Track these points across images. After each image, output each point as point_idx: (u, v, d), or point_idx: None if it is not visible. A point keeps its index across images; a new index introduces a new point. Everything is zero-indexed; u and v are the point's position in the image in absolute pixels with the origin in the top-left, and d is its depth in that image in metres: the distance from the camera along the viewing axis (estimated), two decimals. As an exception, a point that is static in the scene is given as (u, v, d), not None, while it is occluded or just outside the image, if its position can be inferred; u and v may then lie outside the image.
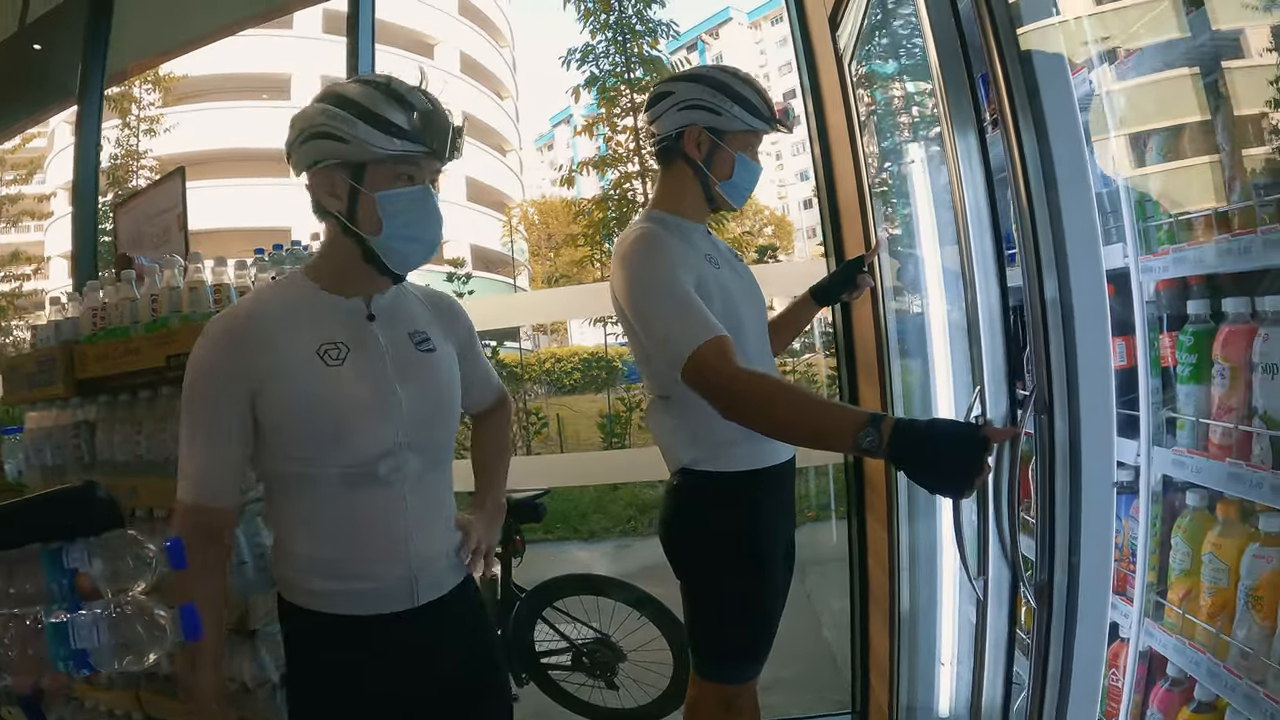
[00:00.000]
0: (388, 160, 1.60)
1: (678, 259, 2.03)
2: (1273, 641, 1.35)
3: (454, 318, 1.89)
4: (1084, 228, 1.56)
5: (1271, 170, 1.36)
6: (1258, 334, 1.40)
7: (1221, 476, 1.46)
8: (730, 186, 2.17)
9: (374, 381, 1.66)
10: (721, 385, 1.80)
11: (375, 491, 1.64)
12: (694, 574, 2.23)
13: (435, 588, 1.71)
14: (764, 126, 2.14)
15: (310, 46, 27.89)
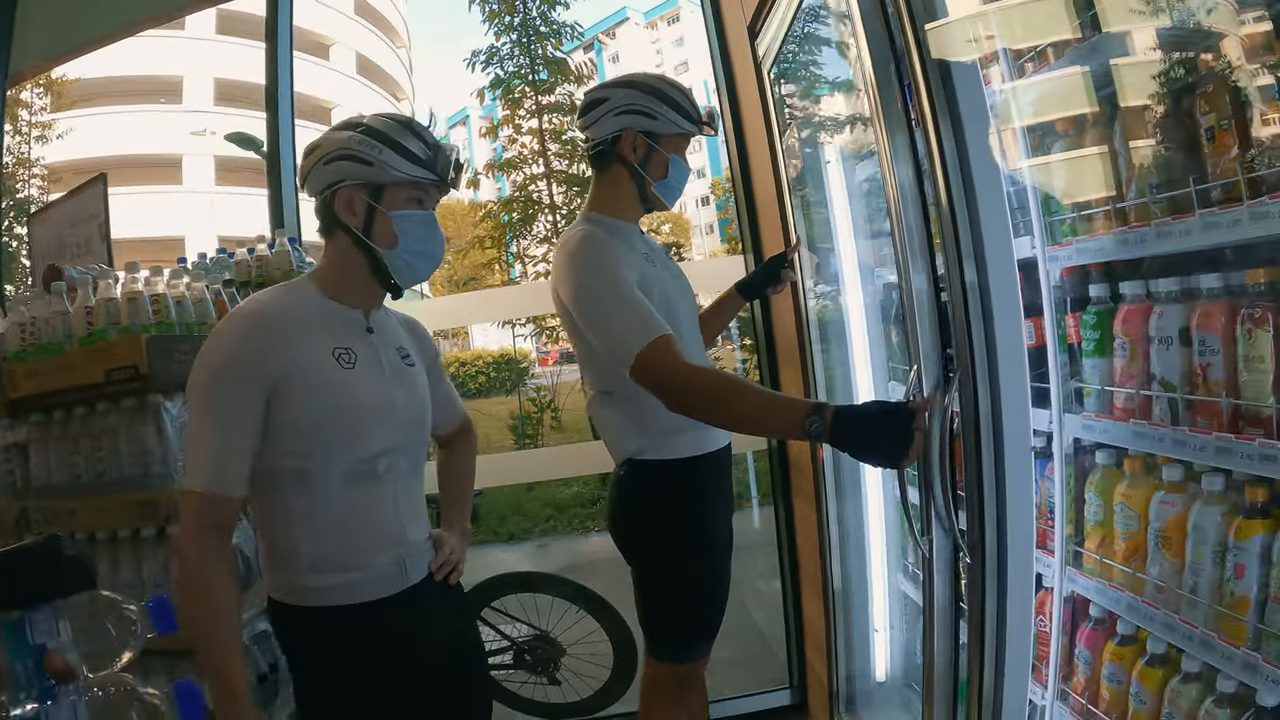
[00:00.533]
0: (404, 184, 1.77)
1: (620, 258, 2.14)
2: (1183, 574, 1.57)
3: (424, 341, 2.04)
4: (998, 221, 1.76)
5: (1162, 171, 1.57)
6: (1153, 311, 1.61)
7: (1127, 435, 1.68)
8: (665, 187, 2.29)
9: (380, 387, 1.79)
10: (673, 383, 1.92)
11: (373, 488, 1.75)
12: (646, 559, 2.35)
13: (421, 569, 1.85)
14: (695, 129, 2.28)
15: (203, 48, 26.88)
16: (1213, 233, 1.39)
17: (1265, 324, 1.35)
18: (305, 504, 1.70)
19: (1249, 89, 1.35)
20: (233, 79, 26.20)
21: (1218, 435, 1.43)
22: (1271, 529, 1.40)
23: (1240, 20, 1.42)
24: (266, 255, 3.06)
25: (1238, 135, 1.38)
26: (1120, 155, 1.67)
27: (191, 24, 25.97)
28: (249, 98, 22.88)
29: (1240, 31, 1.42)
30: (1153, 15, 1.58)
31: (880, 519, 2.90)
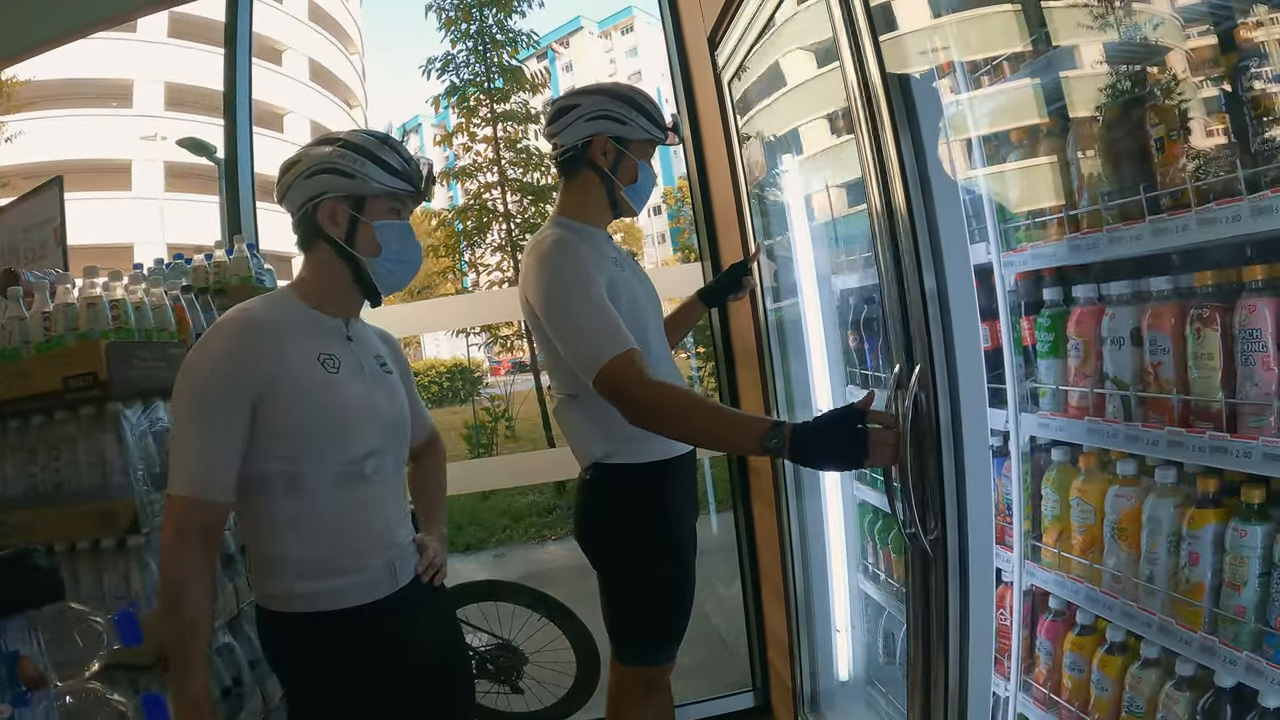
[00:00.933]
0: (384, 195, 1.84)
1: (590, 263, 2.16)
2: (1139, 564, 1.64)
3: (398, 353, 2.11)
4: (955, 228, 1.82)
5: (1113, 179, 1.64)
6: (1105, 314, 1.69)
7: (1082, 432, 1.75)
8: (634, 191, 2.34)
9: (363, 391, 1.85)
10: (637, 398, 1.96)
11: (361, 489, 1.80)
12: (613, 563, 2.37)
13: (408, 571, 1.89)
14: (662, 136, 2.34)
15: (155, 51, 26.29)
16: (1163, 238, 1.46)
17: (1213, 324, 1.42)
18: (295, 508, 1.73)
19: (1195, 102, 1.42)
20: (184, 83, 25.60)
21: (1170, 430, 1.51)
22: (1223, 518, 1.47)
23: (1187, 35, 1.49)
24: (224, 261, 3.03)
25: (1186, 146, 1.45)
26: (1072, 164, 1.75)
27: (143, 27, 25.35)
28: (200, 102, 22.43)
29: (1188, 45, 1.50)
30: (1102, 30, 1.66)
31: (839, 520, 2.96)
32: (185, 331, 2.62)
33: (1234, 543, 1.44)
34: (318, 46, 35.11)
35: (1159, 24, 1.52)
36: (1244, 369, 1.39)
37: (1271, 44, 1.33)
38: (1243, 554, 1.42)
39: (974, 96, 1.93)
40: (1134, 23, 1.57)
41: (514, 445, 12.46)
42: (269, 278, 3.22)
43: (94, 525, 2.30)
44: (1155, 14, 1.52)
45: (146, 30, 25.71)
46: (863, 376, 2.69)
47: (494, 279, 12.23)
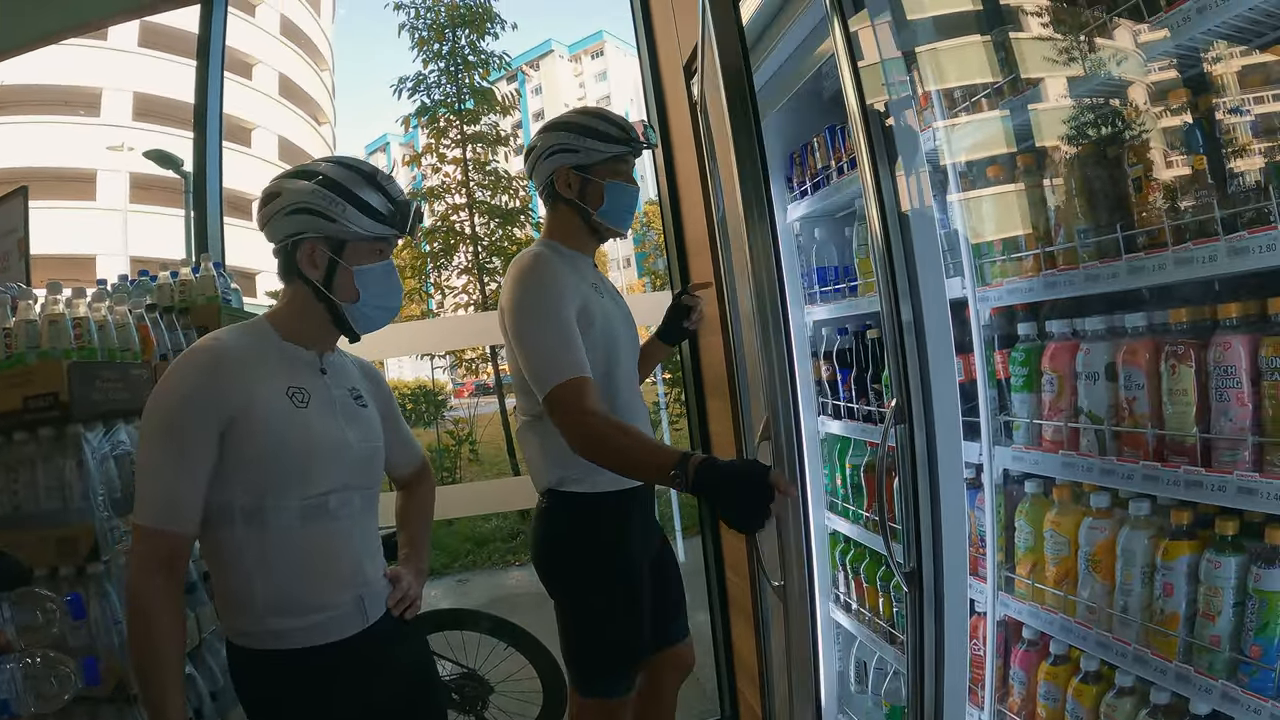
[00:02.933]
0: (364, 240, 1.81)
1: (565, 284, 2.20)
2: (1114, 595, 1.66)
3: (378, 383, 2.07)
4: (932, 263, 1.85)
5: (1089, 217, 1.67)
6: (1080, 349, 1.72)
7: (1057, 466, 1.78)
8: (607, 213, 2.34)
9: (332, 425, 1.81)
10: (572, 422, 2.04)
11: (328, 524, 1.76)
12: (567, 592, 2.35)
13: (379, 607, 1.86)
14: (623, 150, 2.33)
15: (124, 60, 25.89)
16: (1139, 276, 1.50)
17: (1188, 360, 1.45)
18: (259, 541, 1.70)
19: (1173, 142, 1.46)
20: (153, 94, 25.25)
21: (1145, 464, 1.54)
22: (1197, 549, 1.50)
23: (1163, 77, 1.53)
24: (190, 279, 2.98)
25: (1163, 185, 1.49)
26: (1049, 201, 1.78)
27: (114, 35, 24.90)
28: (168, 114, 22.20)
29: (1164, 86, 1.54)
30: (1078, 69, 1.69)
31: (822, 547, 2.96)
32: (149, 351, 2.56)
33: (1208, 574, 1.46)
34: (288, 61, 34.86)
35: (1135, 65, 1.56)
36: (1218, 404, 1.42)
37: (1246, 85, 1.37)
38: (1217, 585, 1.45)
39: (951, 131, 1.96)
40: (1109, 63, 1.61)
41: (478, 469, 12.32)
42: (235, 297, 3.18)
43: (53, 551, 2.21)
44: (1131, 55, 1.56)
45: (117, 38, 25.34)
46: (835, 407, 2.71)
47: (460, 301, 12.12)
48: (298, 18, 36.15)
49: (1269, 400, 1.35)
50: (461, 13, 12.36)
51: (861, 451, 2.66)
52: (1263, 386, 1.36)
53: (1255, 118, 1.32)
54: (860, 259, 2.54)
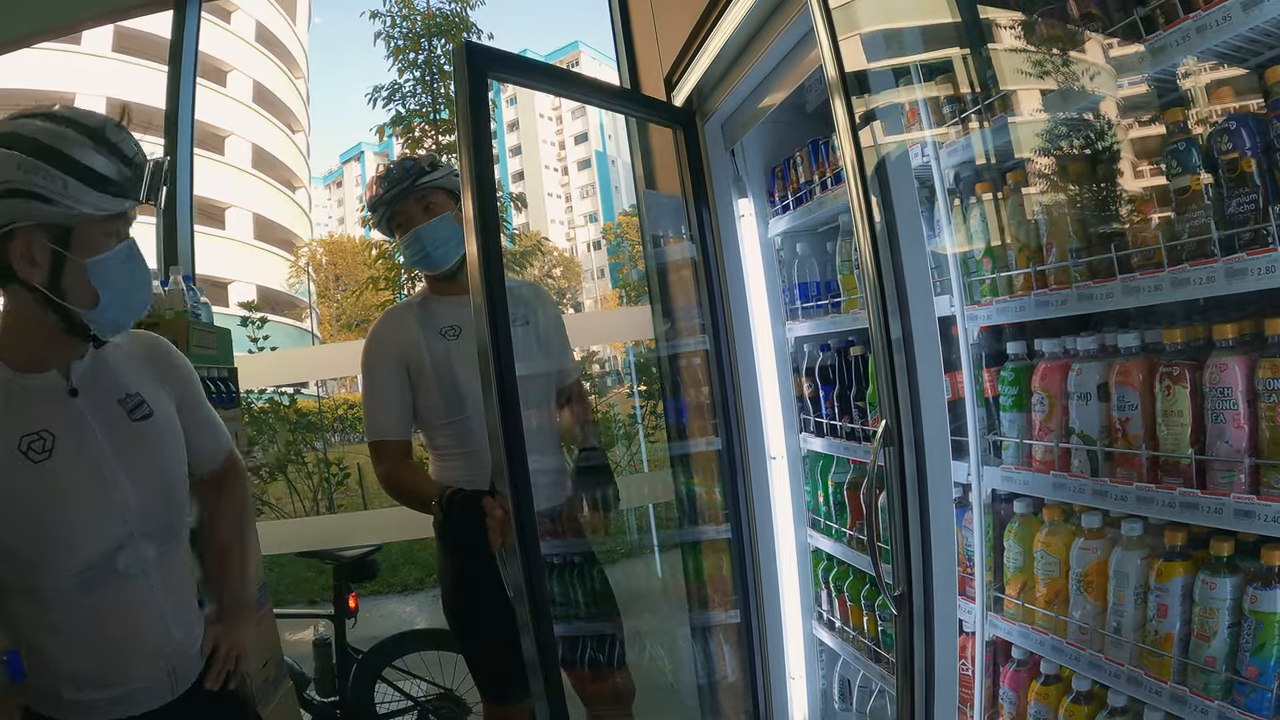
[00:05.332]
0: (94, 220, 1.41)
1: (387, 343, 2.44)
2: (1106, 616, 1.64)
3: (168, 365, 1.68)
4: (921, 281, 1.83)
5: (1081, 237, 1.66)
6: (1071, 368, 1.70)
7: (1047, 486, 1.76)
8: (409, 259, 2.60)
9: (90, 472, 1.47)
10: (377, 470, 2.40)
11: (119, 588, 1.48)
12: None
13: (191, 674, 1.62)
14: None
15: (98, 65, 25.57)
16: (1134, 296, 1.49)
17: (1183, 381, 1.44)
18: (40, 617, 1.45)
19: (1169, 162, 1.45)
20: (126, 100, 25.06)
21: (1139, 485, 1.52)
22: (1192, 570, 1.49)
23: (1160, 98, 1.53)
24: (159, 293, 2.93)
25: (1158, 205, 1.48)
26: (1040, 219, 1.77)
27: (87, 40, 24.69)
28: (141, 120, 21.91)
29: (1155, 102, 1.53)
30: (1071, 86, 1.68)
31: (793, 566, 2.94)
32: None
33: (1203, 595, 1.45)
34: (263, 69, 34.68)
35: (1129, 83, 1.55)
36: (1214, 426, 1.41)
37: (1243, 105, 1.37)
38: (1212, 606, 1.44)
39: (940, 147, 1.95)
40: (1102, 81, 1.60)
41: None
42: (205, 311, 3.12)
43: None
44: (1126, 73, 1.55)
45: (90, 43, 25.08)
46: (817, 424, 2.69)
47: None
48: (273, 25, 36.01)
49: (1265, 422, 1.34)
50: (438, 22, 12.35)
51: (844, 469, 2.64)
52: (1259, 408, 1.35)
53: (1253, 138, 1.32)
54: (844, 275, 2.52)
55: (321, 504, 9.66)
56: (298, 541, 4.57)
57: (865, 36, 1.86)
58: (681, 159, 2.96)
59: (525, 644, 2.00)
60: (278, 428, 9.30)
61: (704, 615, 3.58)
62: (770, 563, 2.96)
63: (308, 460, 9.63)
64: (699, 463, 3.20)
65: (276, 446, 9.31)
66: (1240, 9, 1.24)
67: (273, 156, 34.54)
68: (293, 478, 9.35)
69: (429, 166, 2.46)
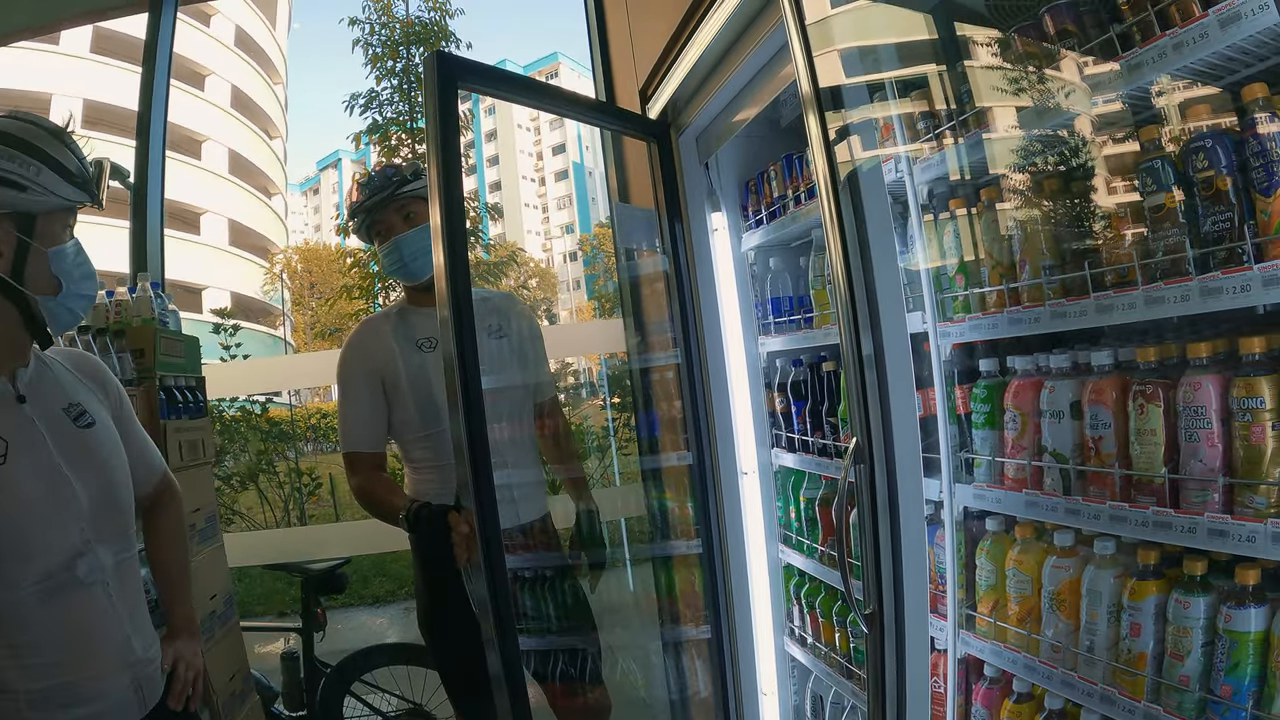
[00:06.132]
0: (58, 211, 1.48)
1: (362, 354, 2.43)
2: (1078, 634, 1.64)
3: (103, 381, 1.68)
4: (893, 297, 1.82)
5: (1055, 255, 1.66)
6: (1044, 386, 1.69)
7: (1020, 505, 1.75)
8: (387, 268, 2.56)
9: (45, 478, 1.46)
10: (351, 486, 2.40)
11: (79, 597, 1.46)
12: None
13: (156, 688, 1.61)
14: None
15: (75, 66, 25.23)
16: (1108, 315, 1.48)
17: (1156, 399, 1.44)
18: (5, 634, 1.41)
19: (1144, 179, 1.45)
20: (104, 102, 24.63)
21: (1112, 504, 1.51)
22: (1165, 589, 1.48)
23: (1136, 114, 1.52)
24: (127, 300, 2.88)
25: (1132, 222, 1.47)
26: (1014, 236, 1.76)
27: (65, 40, 24.36)
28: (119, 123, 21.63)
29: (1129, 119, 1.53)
30: (1045, 102, 1.68)
31: (764, 582, 2.92)
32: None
33: (1176, 614, 1.45)
34: (241, 73, 34.41)
35: (1104, 100, 1.55)
36: (1188, 445, 1.40)
37: (1217, 122, 1.36)
38: (1186, 625, 1.43)
39: (913, 162, 1.95)
40: (1077, 97, 1.60)
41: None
42: (173, 319, 3.07)
43: None
44: (1101, 89, 1.55)
45: (69, 43, 24.77)
46: (789, 440, 2.68)
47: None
48: (253, 29, 35.77)
49: (1240, 441, 1.33)
50: (417, 30, 12.33)
51: (816, 485, 2.63)
52: (1233, 427, 1.34)
53: (1228, 155, 1.31)
54: (816, 290, 2.51)
55: (293, 514, 9.55)
56: (266, 553, 4.50)
57: (840, 51, 1.85)
58: (655, 172, 2.94)
59: (490, 659, 1.97)
60: (249, 436, 9.21)
61: (676, 630, 3.56)
62: (742, 578, 2.93)
63: (279, 470, 9.52)
64: (671, 477, 3.18)
65: (248, 455, 9.21)
66: (1218, 26, 1.24)
67: (250, 162, 34.28)
68: (264, 487, 9.25)
69: (411, 175, 2.45)
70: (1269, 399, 1.30)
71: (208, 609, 2.87)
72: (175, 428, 2.76)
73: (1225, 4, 1.23)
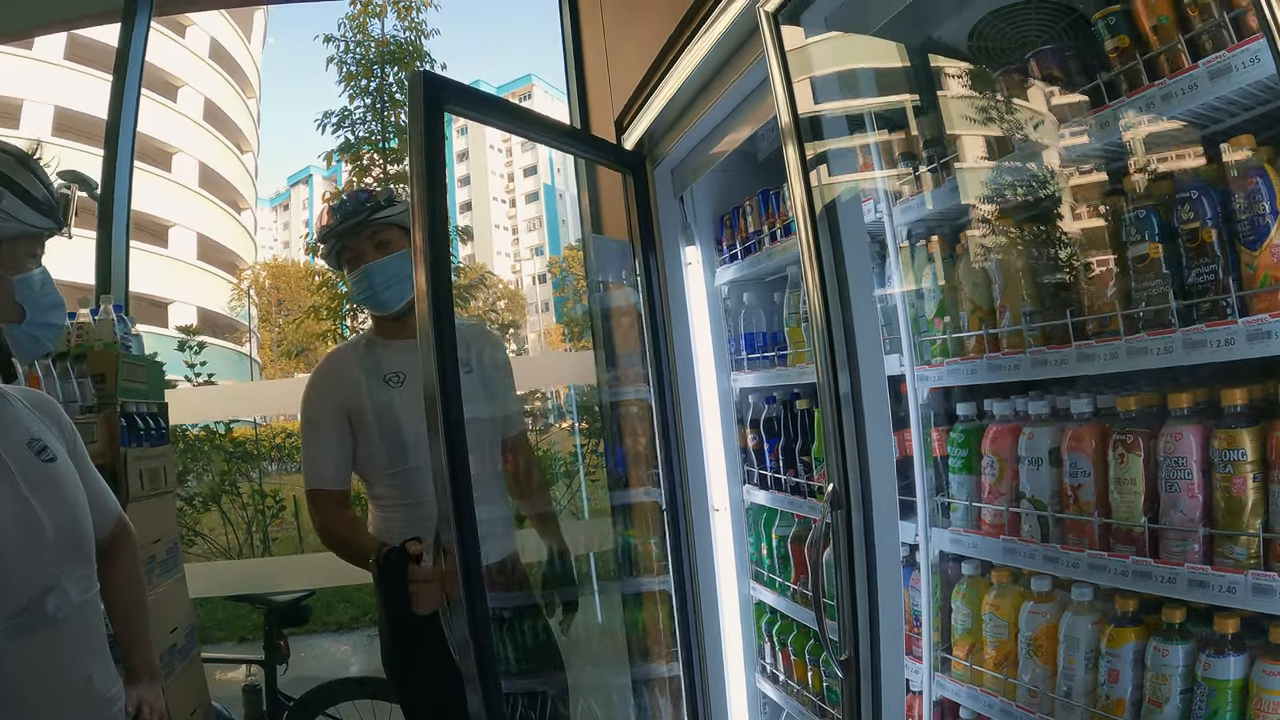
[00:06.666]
0: (21, 239, 1.46)
1: (328, 388, 2.36)
2: (1056, 679, 1.62)
3: (58, 420, 1.64)
4: (871, 339, 1.81)
5: (1036, 301, 1.65)
6: (1023, 432, 1.69)
7: (998, 551, 1.73)
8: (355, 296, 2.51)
9: (14, 511, 1.41)
10: (316, 525, 2.34)
11: (49, 634, 1.40)
12: None
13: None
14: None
15: (48, 72, 24.81)
16: (1089, 364, 1.48)
17: (1136, 449, 1.43)
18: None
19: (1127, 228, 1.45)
20: (76, 110, 24.24)
21: (1090, 553, 1.50)
22: (1144, 636, 1.47)
23: (1121, 162, 1.53)
24: (89, 323, 2.82)
25: (1116, 272, 1.47)
26: (995, 281, 1.75)
27: (39, 45, 23.99)
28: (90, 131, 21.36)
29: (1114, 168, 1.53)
30: (1028, 146, 1.68)
31: (735, 619, 2.90)
32: (41, 404, 2.37)
33: (1155, 661, 1.44)
34: (215, 86, 34.07)
35: (1088, 147, 1.55)
36: (1168, 495, 1.39)
37: (1203, 173, 1.36)
38: (1164, 672, 1.42)
39: (893, 203, 1.94)
40: (1061, 143, 1.60)
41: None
42: (135, 343, 3.01)
43: None
44: (1085, 137, 1.55)
45: (42, 49, 24.39)
46: (761, 477, 2.66)
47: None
48: (228, 42, 35.49)
49: (1220, 492, 1.33)
50: (392, 50, 12.29)
51: (789, 522, 2.61)
52: (1214, 478, 1.34)
53: (1214, 207, 1.31)
54: (790, 328, 2.50)
55: (256, 536, 9.36)
56: (229, 584, 4.40)
57: (820, 88, 1.84)
58: (630, 204, 2.91)
59: (471, 700, 1.90)
60: (213, 456, 9.04)
61: (644, 668, 3.51)
62: (713, 615, 2.90)
63: (243, 491, 9.34)
64: (641, 512, 3.14)
65: (210, 476, 9.05)
66: (1208, 78, 1.24)
67: (220, 176, 33.93)
68: (226, 509, 9.06)
69: (385, 201, 2.37)
70: (1250, 451, 1.29)
71: (168, 642, 2.79)
72: (136, 456, 2.69)
73: (1216, 57, 1.23)
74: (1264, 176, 1.25)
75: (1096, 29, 1.49)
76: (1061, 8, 1.66)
